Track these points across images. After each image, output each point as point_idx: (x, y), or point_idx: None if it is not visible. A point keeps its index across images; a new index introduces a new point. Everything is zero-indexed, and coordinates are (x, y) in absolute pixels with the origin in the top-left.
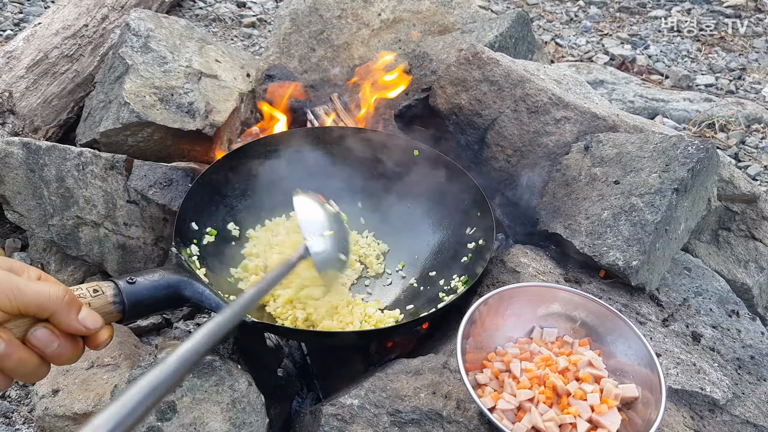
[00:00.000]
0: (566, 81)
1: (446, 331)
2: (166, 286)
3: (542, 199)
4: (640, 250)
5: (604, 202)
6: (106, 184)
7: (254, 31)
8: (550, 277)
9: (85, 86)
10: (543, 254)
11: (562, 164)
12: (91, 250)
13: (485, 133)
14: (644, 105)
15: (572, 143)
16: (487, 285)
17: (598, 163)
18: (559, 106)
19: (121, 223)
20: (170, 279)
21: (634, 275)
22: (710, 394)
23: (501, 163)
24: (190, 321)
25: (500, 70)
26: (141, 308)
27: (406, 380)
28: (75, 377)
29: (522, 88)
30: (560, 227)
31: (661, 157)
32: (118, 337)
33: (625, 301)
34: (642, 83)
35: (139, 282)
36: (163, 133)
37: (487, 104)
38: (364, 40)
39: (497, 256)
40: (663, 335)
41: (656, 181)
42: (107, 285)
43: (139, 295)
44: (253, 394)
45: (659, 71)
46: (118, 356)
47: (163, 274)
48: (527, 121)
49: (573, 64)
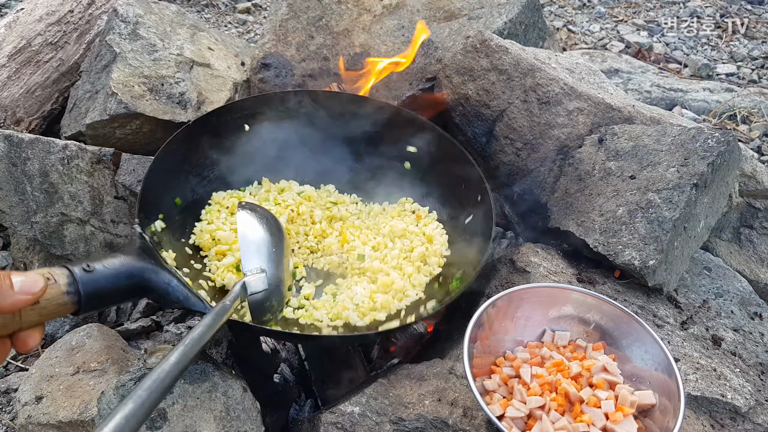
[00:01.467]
0: (579, 70)
1: (452, 335)
2: (128, 274)
3: (554, 194)
4: (658, 248)
5: (619, 198)
6: (93, 179)
7: (249, 17)
8: (562, 277)
9: (71, 75)
10: (554, 253)
11: (574, 158)
12: (76, 249)
13: (493, 125)
14: (661, 95)
15: (585, 136)
16: (496, 286)
17: (613, 157)
18: (572, 96)
19: (108, 220)
20: (133, 266)
21: (650, 275)
22: (731, 401)
23: (510, 156)
24: (181, 324)
25: (509, 58)
26: (99, 299)
27: (409, 386)
28: (60, 383)
29: (532, 78)
30: (573, 224)
31: (680, 151)
32: (104, 341)
33: (641, 303)
34: (659, 72)
35: (98, 270)
36: (152, 125)
37: (495, 94)
38: (366, 27)
39: (506, 255)
40: (681, 339)
41: (674, 175)
42: (60, 272)
43: (97, 284)
44: (248, 401)
45: (677, 59)
46: (105, 361)
47: (125, 261)
48: (538, 113)
49: (586, 51)
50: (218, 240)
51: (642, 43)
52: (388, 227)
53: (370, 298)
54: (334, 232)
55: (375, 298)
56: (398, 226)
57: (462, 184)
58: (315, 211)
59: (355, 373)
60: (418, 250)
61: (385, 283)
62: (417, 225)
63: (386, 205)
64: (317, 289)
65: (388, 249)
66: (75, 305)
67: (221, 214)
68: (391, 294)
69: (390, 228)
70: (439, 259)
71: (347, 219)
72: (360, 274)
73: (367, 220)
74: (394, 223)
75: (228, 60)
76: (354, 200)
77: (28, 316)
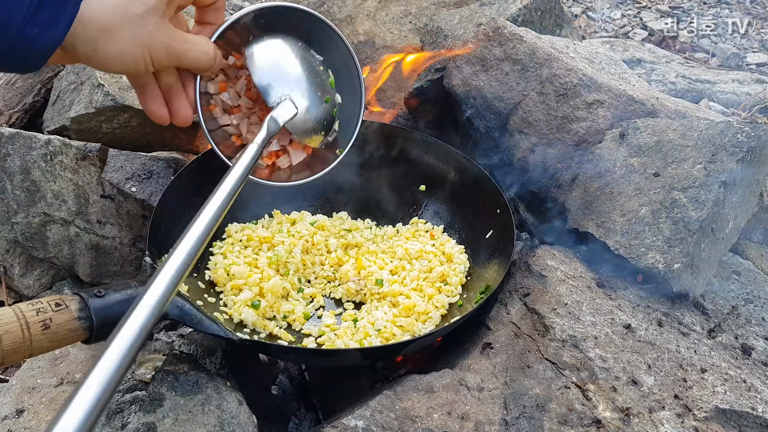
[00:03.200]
0: (599, 60)
1: (462, 344)
2: None
3: (571, 193)
4: (683, 251)
5: (641, 196)
6: (78, 177)
7: (245, 3)
8: (580, 281)
9: (54, 66)
10: (572, 256)
11: (594, 154)
12: (60, 252)
13: (507, 119)
14: (687, 87)
15: (606, 130)
16: (509, 291)
17: (636, 153)
18: (591, 88)
19: (94, 220)
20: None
21: (675, 280)
22: (763, 414)
23: (525, 152)
24: (172, 332)
25: (524, 47)
26: (112, 326)
27: (417, 399)
28: (42, 395)
29: (549, 68)
30: (592, 225)
31: (707, 146)
32: (90, 350)
33: (665, 310)
34: (685, 62)
35: (109, 295)
36: (142, 119)
37: (509, 86)
38: (370, 14)
39: (521, 258)
40: (709, 348)
41: (701, 173)
42: (72, 298)
43: (110, 310)
44: (244, 415)
45: (704, 48)
46: None
47: (137, 287)
48: (555, 105)
49: (607, 40)
50: (233, 275)
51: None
52: (402, 250)
53: (391, 322)
54: (350, 259)
55: (397, 321)
56: (414, 247)
57: (480, 200)
58: (330, 240)
59: (358, 384)
60: (437, 270)
61: (407, 307)
62: (434, 245)
63: (399, 227)
64: (337, 317)
65: (406, 271)
66: (87, 331)
67: (234, 247)
68: (414, 317)
69: (404, 250)
70: (461, 277)
71: (362, 245)
72: (380, 299)
73: (381, 243)
74: (409, 245)
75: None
76: (367, 225)
77: (39, 342)
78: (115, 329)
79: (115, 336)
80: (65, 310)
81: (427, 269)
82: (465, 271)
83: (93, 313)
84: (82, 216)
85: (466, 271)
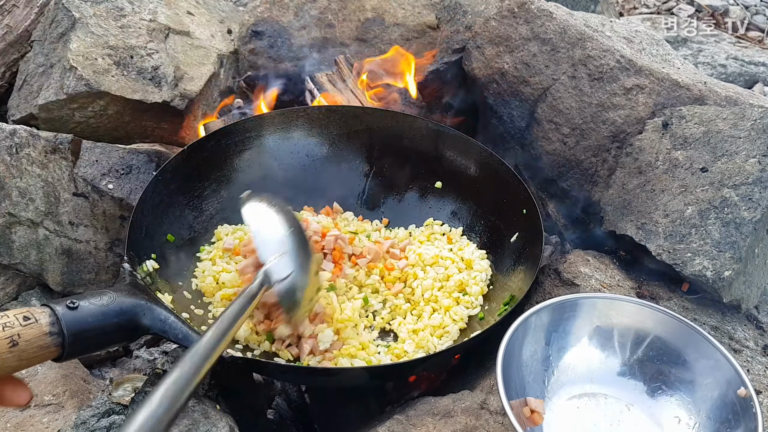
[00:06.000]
0: (639, 39)
1: (484, 362)
2: (117, 311)
3: (608, 191)
4: (734, 257)
5: (687, 195)
6: (47, 172)
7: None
8: (618, 290)
9: (20, 46)
10: (609, 262)
11: (633, 146)
12: (27, 257)
13: (535, 107)
14: (739, 70)
15: (647, 119)
16: (536, 301)
17: (680, 145)
18: (630, 71)
19: (65, 222)
20: (123, 302)
21: (726, 289)
22: None
23: (555, 144)
24: (154, 348)
25: (554, 25)
26: (86, 341)
27: (433, 424)
28: (7, 421)
29: (582, 49)
30: (631, 227)
31: (762, 138)
32: (61, 368)
33: (715, 323)
34: (737, 42)
35: (83, 307)
36: (119, 107)
37: (537, 69)
38: None
39: (550, 264)
40: (764, 367)
41: (755, 168)
42: (41, 311)
43: (84, 323)
44: None
45: (759, 26)
46: (61, 394)
47: (114, 297)
48: (589, 91)
49: (648, 17)
50: (223, 284)
51: (716, 6)
52: (414, 255)
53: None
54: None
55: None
56: (429, 252)
57: (503, 198)
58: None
59: (365, 408)
60: (455, 279)
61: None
62: (451, 249)
63: (413, 229)
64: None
65: (419, 280)
66: (58, 347)
67: (225, 253)
68: (429, 331)
69: (417, 256)
70: (482, 286)
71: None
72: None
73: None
74: (423, 250)
75: (212, 27)
76: (376, 227)
77: (6, 362)
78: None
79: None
80: (34, 324)
81: (444, 277)
82: (486, 279)
83: (65, 327)
84: (52, 217)
85: (487, 279)
